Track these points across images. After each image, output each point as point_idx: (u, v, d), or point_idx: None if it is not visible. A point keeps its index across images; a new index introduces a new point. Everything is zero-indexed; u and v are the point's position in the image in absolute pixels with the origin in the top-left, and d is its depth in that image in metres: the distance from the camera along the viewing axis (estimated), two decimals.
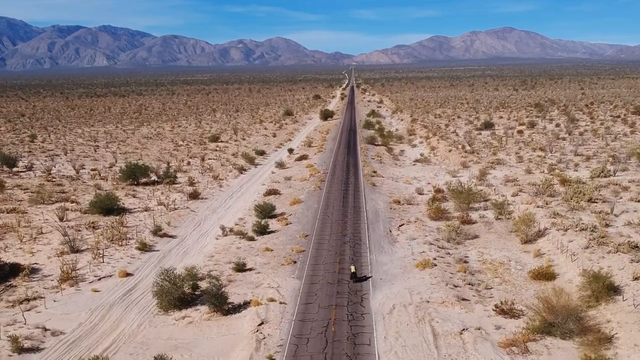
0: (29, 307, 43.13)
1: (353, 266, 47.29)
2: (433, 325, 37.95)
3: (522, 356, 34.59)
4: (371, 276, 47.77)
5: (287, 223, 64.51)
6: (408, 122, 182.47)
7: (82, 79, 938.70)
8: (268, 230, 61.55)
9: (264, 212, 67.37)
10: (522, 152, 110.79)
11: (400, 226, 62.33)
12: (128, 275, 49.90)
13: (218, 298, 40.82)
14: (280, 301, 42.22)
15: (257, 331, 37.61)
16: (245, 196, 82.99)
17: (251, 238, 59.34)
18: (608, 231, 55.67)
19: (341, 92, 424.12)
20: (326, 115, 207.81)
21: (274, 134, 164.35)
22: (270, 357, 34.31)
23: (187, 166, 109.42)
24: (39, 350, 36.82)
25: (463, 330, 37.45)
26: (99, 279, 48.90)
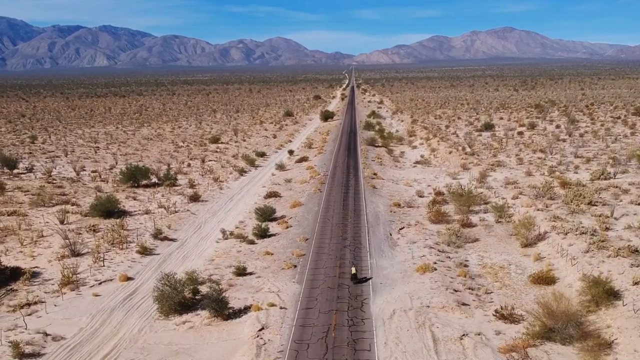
0: (30, 312, 43.24)
1: (354, 267, 48.07)
2: (433, 330, 38.01)
3: None
4: (371, 277, 48.34)
5: (288, 226, 64.58)
6: (408, 123, 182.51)
7: (83, 79, 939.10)
8: (268, 233, 61.60)
9: (265, 215, 67.44)
10: (523, 154, 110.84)
11: (400, 229, 62.40)
12: (129, 279, 49.98)
13: (218, 303, 40.89)
14: (280, 306, 42.29)
15: (258, 336, 37.68)
16: (245, 198, 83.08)
17: (251, 241, 59.42)
18: (608, 235, 55.72)
19: (341, 93, 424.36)
20: (326, 116, 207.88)
21: (274, 135, 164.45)
22: None
23: (188, 168, 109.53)
24: (40, 355, 36.91)
25: (463, 335, 37.50)
26: (100, 283, 48.98)
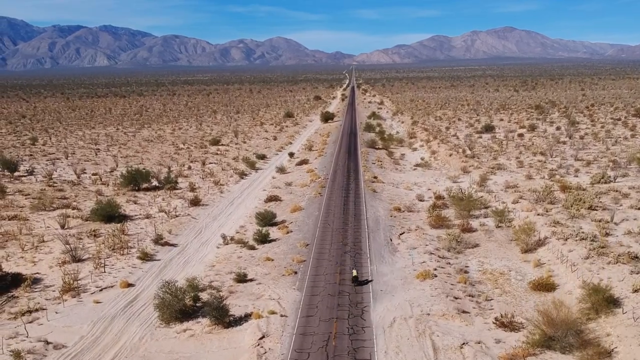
0: (31, 319, 43.31)
1: (355, 270, 49.09)
2: (433, 339, 38.09)
3: None
4: (372, 280, 49.14)
5: (288, 231, 64.64)
6: (409, 125, 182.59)
7: (83, 79, 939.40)
8: (269, 238, 61.65)
9: (265, 220, 67.51)
10: (523, 157, 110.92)
11: (400, 234, 62.47)
12: (129, 285, 50.07)
13: (219, 311, 40.96)
14: (281, 314, 42.36)
15: (258, 345, 37.76)
16: (246, 202, 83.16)
17: (252, 247, 59.49)
18: (608, 240, 55.80)
19: (342, 93, 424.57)
20: (327, 117, 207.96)
21: (275, 137, 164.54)
22: None
23: (188, 171, 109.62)
24: None
25: (463, 344, 37.58)
26: (101, 290, 49.06)
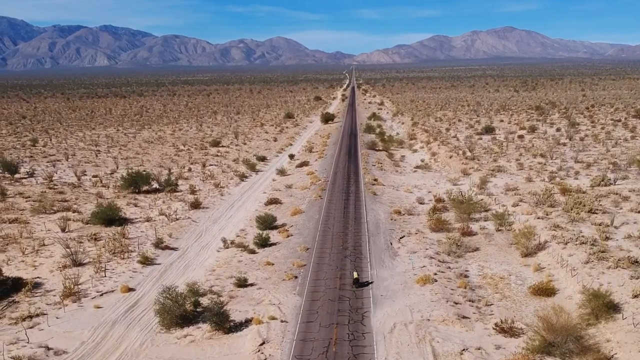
0: (32, 325, 43.39)
1: (355, 272, 49.92)
2: (434, 345, 38.15)
3: None
4: (373, 282, 49.78)
5: (288, 235, 64.68)
6: (409, 126, 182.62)
7: (83, 79, 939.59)
8: (269, 242, 61.69)
9: (265, 224, 67.55)
10: (523, 159, 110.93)
11: (401, 238, 62.51)
12: (130, 290, 50.13)
13: (220, 316, 41.03)
14: (281, 319, 42.42)
15: (259, 351, 37.83)
16: (246, 205, 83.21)
17: (252, 251, 59.54)
18: (608, 244, 55.83)
19: (342, 93, 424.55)
20: (327, 118, 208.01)
21: (275, 139, 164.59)
22: None
23: (189, 173, 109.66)
24: None
25: (463, 350, 37.64)
26: (101, 295, 49.14)
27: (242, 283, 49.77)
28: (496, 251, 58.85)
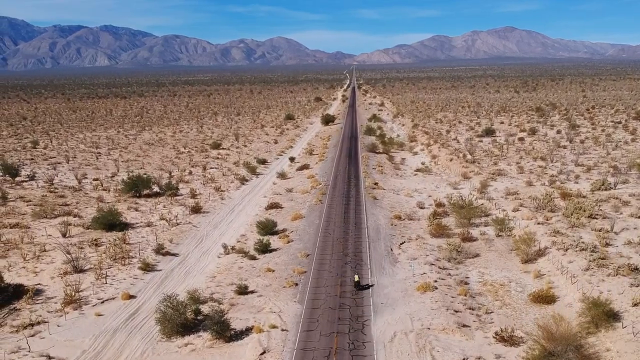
0: (33, 333, 43.48)
1: (357, 275, 50.66)
2: (434, 354, 38.22)
3: None
4: (373, 285, 50.39)
5: (289, 240, 64.75)
6: (409, 128, 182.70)
7: (84, 79, 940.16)
8: (270, 248, 61.75)
9: (266, 229, 67.62)
10: (523, 162, 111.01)
11: (401, 244, 62.58)
12: (131, 297, 50.21)
13: (220, 325, 41.11)
14: (282, 328, 42.48)
15: None
16: (247, 209, 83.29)
17: (253, 257, 59.62)
18: (608, 251, 55.92)
19: (342, 94, 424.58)
20: (327, 120, 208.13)
21: (275, 141, 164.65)
22: None
23: (189, 176, 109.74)
24: None
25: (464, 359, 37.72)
26: (102, 302, 49.22)
27: (243, 290, 49.84)
28: (496, 257, 58.92)
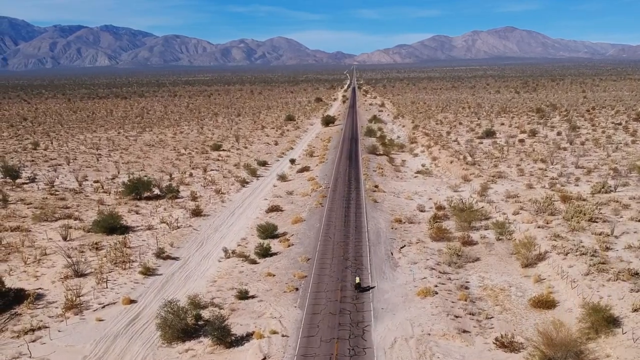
0: (34, 338, 43.52)
1: (358, 277, 51.17)
2: None
3: None
4: (374, 286, 50.88)
5: (289, 244, 64.81)
6: (409, 129, 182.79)
7: (84, 79, 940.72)
8: (270, 252, 61.82)
9: (266, 233, 67.67)
10: (524, 164, 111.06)
11: (401, 248, 62.65)
12: (132, 302, 50.28)
13: (221, 331, 41.14)
14: (282, 334, 42.55)
15: None
16: (247, 212, 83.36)
17: (253, 261, 59.70)
18: (608, 255, 55.99)
19: (343, 94, 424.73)
20: (327, 121, 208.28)
21: (276, 142, 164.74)
22: None
23: (190, 178, 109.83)
24: None
25: None
26: (103, 307, 49.28)
27: (244, 295, 49.90)
28: (497, 261, 58.98)
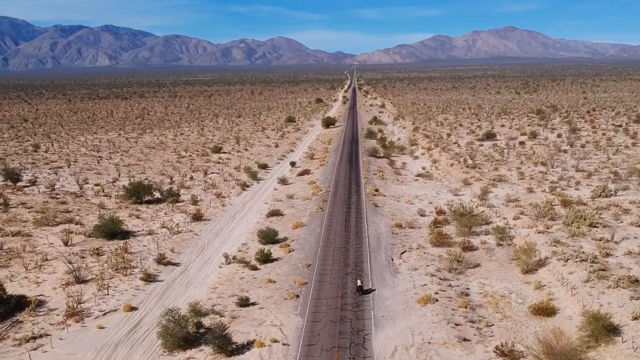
0: (35, 346, 43.64)
1: (359, 280, 51.68)
2: None
3: None
4: (375, 289, 51.45)
5: (290, 250, 64.87)
6: (410, 131, 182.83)
7: (85, 79, 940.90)
8: (271, 258, 61.90)
9: (267, 238, 67.78)
10: (524, 167, 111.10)
11: (402, 254, 62.70)
12: (133, 309, 50.38)
13: (222, 340, 41.25)
14: (283, 342, 42.62)
15: None
16: (248, 217, 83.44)
17: (254, 267, 59.78)
18: (608, 261, 56.03)
19: (343, 95, 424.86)
20: (328, 122, 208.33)
21: (276, 144, 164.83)
22: None
23: (190, 181, 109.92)
24: None
25: None
26: (104, 314, 49.38)
27: (244, 302, 49.97)
28: (497, 267, 59.05)
